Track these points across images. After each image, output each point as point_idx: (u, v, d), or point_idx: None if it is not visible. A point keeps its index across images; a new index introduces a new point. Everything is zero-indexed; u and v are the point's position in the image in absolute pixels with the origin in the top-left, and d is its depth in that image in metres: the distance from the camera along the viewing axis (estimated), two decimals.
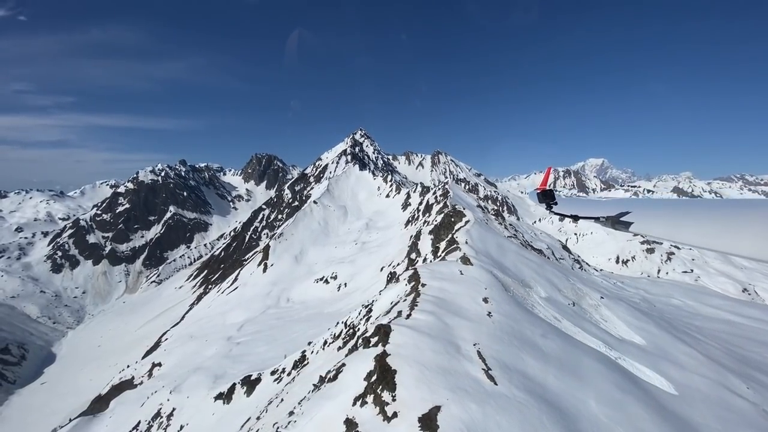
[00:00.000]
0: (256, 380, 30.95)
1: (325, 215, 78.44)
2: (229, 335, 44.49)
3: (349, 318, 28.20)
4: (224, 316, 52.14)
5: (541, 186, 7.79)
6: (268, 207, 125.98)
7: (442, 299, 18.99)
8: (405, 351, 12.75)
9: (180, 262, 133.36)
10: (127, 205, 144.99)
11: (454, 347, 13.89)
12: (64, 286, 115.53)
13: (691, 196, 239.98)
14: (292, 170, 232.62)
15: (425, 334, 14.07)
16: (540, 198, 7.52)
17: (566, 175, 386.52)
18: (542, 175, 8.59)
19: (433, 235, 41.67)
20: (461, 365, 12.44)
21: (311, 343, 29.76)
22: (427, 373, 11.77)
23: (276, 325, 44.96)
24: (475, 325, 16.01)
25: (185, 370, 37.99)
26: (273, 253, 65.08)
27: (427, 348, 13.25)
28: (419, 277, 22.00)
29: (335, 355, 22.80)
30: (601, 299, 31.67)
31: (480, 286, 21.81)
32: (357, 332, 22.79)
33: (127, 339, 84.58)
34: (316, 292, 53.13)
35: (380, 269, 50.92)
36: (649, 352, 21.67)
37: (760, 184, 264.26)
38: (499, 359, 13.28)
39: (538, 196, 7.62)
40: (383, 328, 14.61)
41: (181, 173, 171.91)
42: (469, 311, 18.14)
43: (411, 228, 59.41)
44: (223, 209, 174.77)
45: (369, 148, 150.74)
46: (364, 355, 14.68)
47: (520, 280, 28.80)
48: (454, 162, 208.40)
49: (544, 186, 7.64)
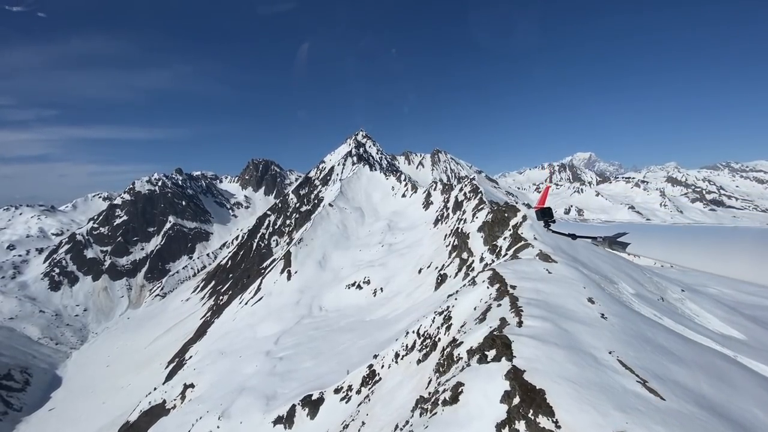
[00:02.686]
0: (319, 400, 28.05)
1: (342, 218, 75.59)
2: (267, 349, 41.39)
3: (420, 327, 25.36)
4: (254, 329, 48.96)
5: (539, 204, 8.14)
6: (273, 213, 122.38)
7: (545, 302, 16.52)
8: (541, 365, 10.43)
9: (183, 274, 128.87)
10: (124, 217, 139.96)
11: (590, 357, 11.66)
12: (64, 304, 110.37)
13: (685, 185, 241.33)
14: (290, 175, 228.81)
15: (552, 344, 11.81)
16: (539, 216, 7.76)
17: (561, 169, 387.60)
18: (535, 171, 7.62)
19: (484, 232, 39.16)
20: (612, 378, 10.28)
21: (378, 356, 27.04)
22: (582, 391, 9.55)
23: (316, 336, 42.00)
24: (595, 329, 13.81)
25: (227, 391, 34.87)
26: (295, 259, 62.01)
27: (564, 360, 10.94)
28: (503, 279, 19.48)
29: (416, 370, 20.20)
30: (683, 292, 29.45)
31: (576, 285, 19.35)
32: (438, 343, 20.28)
33: (137, 357, 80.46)
34: (350, 299, 50.28)
35: (418, 271, 48.29)
36: (753, 347, 19.52)
37: (746, 171, 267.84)
38: (645, 368, 11.23)
39: (536, 214, 7.91)
40: (500, 339, 12.38)
41: (179, 182, 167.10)
42: (578, 314, 15.73)
43: (442, 227, 56.90)
44: (222, 217, 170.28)
45: (372, 148, 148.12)
46: (485, 371, 12.25)
47: (603, 276, 26.35)
48: (455, 160, 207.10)
49: (542, 204, 7.92)
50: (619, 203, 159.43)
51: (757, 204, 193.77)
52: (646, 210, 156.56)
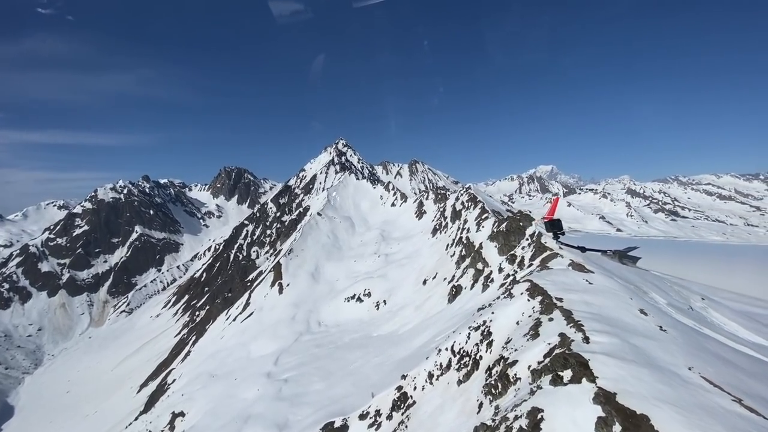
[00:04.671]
0: (343, 428, 25.47)
1: (332, 227, 72.94)
2: (267, 370, 38.08)
3: (454, 343, 23.63)
4: (247, 348, 45.26)
5: (549, 215, 10.22)
6: (251, 222, 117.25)
7: (600, 315, 15.49)
8: (631, 387, 9.43)
9: (152, 288, 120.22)
10: (85, 227, 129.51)
11: (674, 375, 10.73)
12: (15, 323, 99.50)
13: (643, 196, 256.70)
14: (264, 183, 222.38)
15: (631, 362, 10.86)
16: (548, 227, 9.32)
17: (530, 180, 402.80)
18: (505, 182, 7.42)
19: (498, 242, 38.16)
20: (707, 398, 9.42)
21: (407, 376, 25.03)
22: (688, 415, 8.62)
23: (320, 354, 39.16)
24: (661, 343, 12.98)
25: (228, 420, 31.46)
26: (286, 271, 58.68)
27: (652, 380, 9.94)
28: (545, 290, 18.38)
29: (458, 392, 18.50)
30: (703, 300, 29.49)
31: (622, 296, 18.50)
32: (480, 361, 18.76)
33: (103, 380, 73.24)
34: (351, 313, 47.74)
35: (422, 282, 46.63)
36: None
37: (693, 184, 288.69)
38: (729, 384, 10.51)
39: (545, 225, 9.43)
40: (573, 357, 11.25)
41: (146, 190, 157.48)
42: (637, 327, 14.80)
43: (442, 236, 55.72)
44: (193, 227, 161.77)
45: (353, 157, 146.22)
46: (565, 394, 10.96)
47: (635, 286, 25.83)
48: (432, 170, 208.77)
49: (552, 216, 9.56)
50: (590, 213, 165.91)
51: (708, 215, 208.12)
52: (615, 220, 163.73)
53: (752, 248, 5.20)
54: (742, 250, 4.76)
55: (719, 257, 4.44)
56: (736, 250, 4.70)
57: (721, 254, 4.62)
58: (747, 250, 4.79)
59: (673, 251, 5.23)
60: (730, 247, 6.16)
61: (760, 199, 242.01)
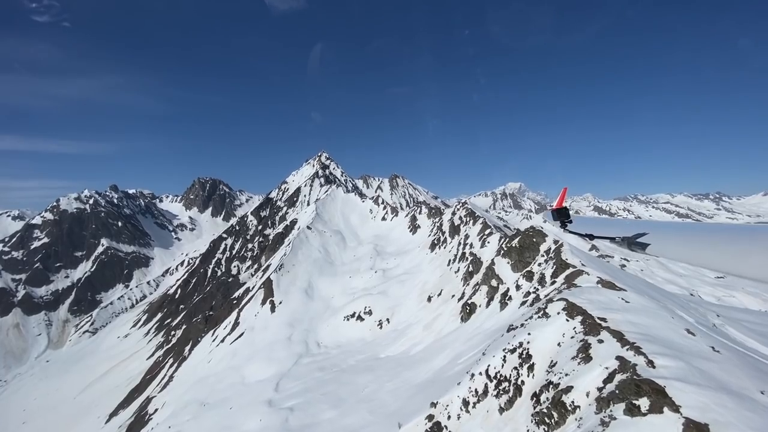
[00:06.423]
0: None
1: (323, 241, 70.50)
2: (267, 398, 35.03)
3: (489, 367, 22.29)
4: (240, 372, 41.85)
5: (558, 205, 7.96)
6: (230, 236, 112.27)
7: (650, 336, 14.82)
8: (720, 417, 8.81)
9: (119, 305, 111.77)
10: (45, 239, 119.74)
11: (753, 401, 10.20)
12: None
13: (609, 213, 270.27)
14: (240, 195, 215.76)
15: (707, 387, 10.27)
16: (555, 216, 7.73)
17: (503, 197, 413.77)
18: (479, 197, 7.34)
19: (512, 258, 37.43)
20: None
21: (437, 403, 23.38)
22: None
23: (325, 378, 36.54)
24: (721, 365, 12.48)
25: None
26: (278, 288, 55.63)
27: (737, 407, 9.34)
28: (585, 310, 17.68)
29: (501, 421, 17.10)
30: (718, 317, 29.70)
31: (663, 315, 18.00)
32: (522, 386, 17.64)
33: (65, 409, 66.16)
34: (352, 332, 45.41)
35: (427, 299, 45.15)
36: None
37: (651, 202, 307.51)
38: None
39: (552, 214, 7.86)
40: (647, 384, 10.62)
41: (113, 200, 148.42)
42: (692, 348, 14.22)
43: (441, 252, 54.69)
44: (164, 240, 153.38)
45: (336, 170, 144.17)
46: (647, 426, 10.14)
47: (663, 304, 25.57)
48: (412, 185, 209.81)
49: (560, 205, 7.80)
50: None
51: None
52: None
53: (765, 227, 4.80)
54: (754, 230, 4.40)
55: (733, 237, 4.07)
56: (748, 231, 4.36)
57: (734, 234, 4.29)
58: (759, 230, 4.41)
59: (683, 234, 4.86)
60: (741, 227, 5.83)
61: (710, 217, 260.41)
